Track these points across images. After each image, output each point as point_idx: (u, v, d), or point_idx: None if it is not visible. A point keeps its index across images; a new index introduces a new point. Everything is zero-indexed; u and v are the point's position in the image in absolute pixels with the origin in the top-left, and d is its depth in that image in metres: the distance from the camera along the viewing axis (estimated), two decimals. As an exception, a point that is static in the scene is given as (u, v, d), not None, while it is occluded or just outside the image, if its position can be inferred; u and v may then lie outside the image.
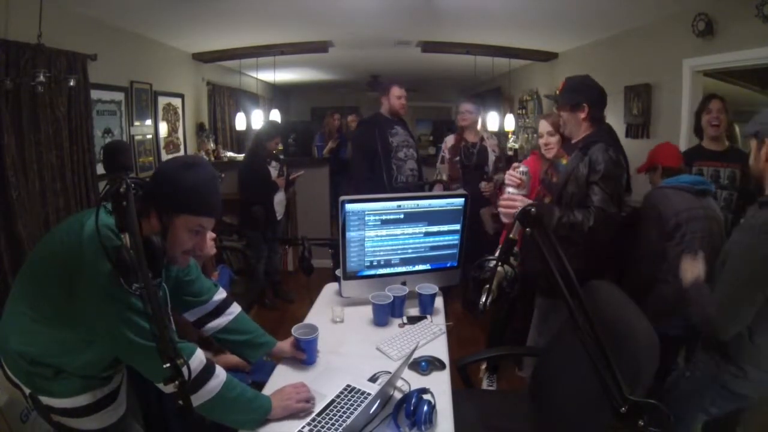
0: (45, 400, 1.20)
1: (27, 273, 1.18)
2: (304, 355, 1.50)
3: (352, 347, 1.62)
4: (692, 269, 1.54)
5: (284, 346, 1.53)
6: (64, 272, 1.05)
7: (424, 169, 3.61)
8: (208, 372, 1.14)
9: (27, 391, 1.20)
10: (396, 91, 3.34)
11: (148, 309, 0.91)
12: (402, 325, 1.78)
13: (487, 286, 1.30)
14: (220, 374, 1.17)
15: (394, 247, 1.94)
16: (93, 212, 0.99)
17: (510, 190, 1.95)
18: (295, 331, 1.51)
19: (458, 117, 3.44)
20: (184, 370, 0.90)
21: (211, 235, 1.47)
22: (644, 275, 2.03)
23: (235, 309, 1.52)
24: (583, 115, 1.95)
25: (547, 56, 4.78)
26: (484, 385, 2.72)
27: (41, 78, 2.34)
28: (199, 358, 1.13)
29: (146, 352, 1.06)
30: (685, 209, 1.98)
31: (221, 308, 1.49)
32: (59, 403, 1.20)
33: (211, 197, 1.18)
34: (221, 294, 1.51)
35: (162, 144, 4.08)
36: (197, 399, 1.10)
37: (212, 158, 4.80)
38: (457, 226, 2.00)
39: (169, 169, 1.16)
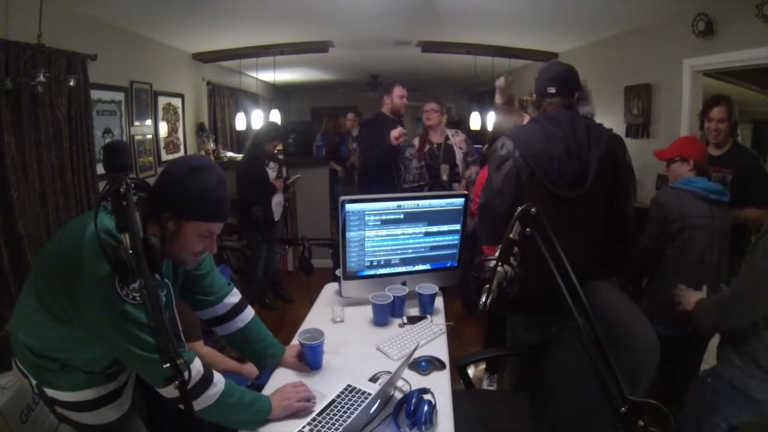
0: (50, 392, 1.22)
1: (37, 269, 1.19)
2: (309, 369, 1.47)
3: (352, 347, 1.62)
4: (694, 297, 1.63)
5: (288, 357, 1.51)
6: (66, 274, 1.06)
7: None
8: (206, 381, 1.14)
9: (34, 382, 1.23)
10: (399, 91, 3.37)
11: (148, 312, 0.90)
12: (402, 325, 1.78)
13: (487, 286, 1.30)
14: (219, 382, 1.17)
15: (394, 247, 1.94)
16: (97, 214, 1.00)
17: None
18: (301, 336, 1.48)
19: (423, 116, 3.37)
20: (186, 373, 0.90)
21: None
22: (639, 271, 2.05)
23: (248, 315, 1.49)
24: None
25: (547, 56, 4.77)
26: (484, 385, 2.72)
27: (41, 78, 2.34)
28: (196, 367, 1.12)
29: (144, 360, 1.07)
30: (694, 215, 1.98)
31: (233, 312, 1.46)
32: (63, 396, 1.21)
33: (220, 203, 1.17)
34: (234, 297, 1.48)
35: (162, 144, 4.09)
36: (196, 405, 1.09)
37: (212, 158, 4.80)
38: (457, 226, 2.00)
39: (177, 173, 1.13)
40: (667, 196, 2.07)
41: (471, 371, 2.72)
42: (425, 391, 1.26)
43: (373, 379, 1.41)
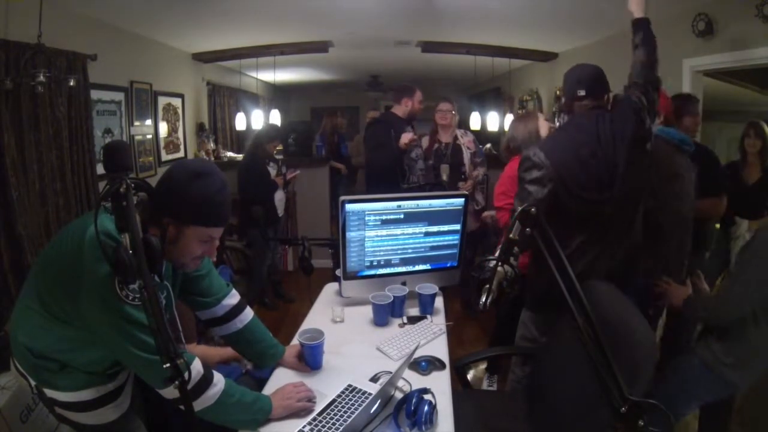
0: (49, 392, 1.21)
1: (37, 270, 1.18)
2: (309, 369, 1.48)
3: (352, 347, 1.62)
4: (681, 293, 1.67)
5: (288, 357, 1.51)
6: (67, 275, 1.07)
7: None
8: (206, 381, 1.14)
9: (33, 382, 1.22)
10: (420, 96, 3.40)
11: (148, 314, 0.90)
12: (402, 325, 1.78)
13: (487, 286, 1.30)
14: (219, 382, 1.17)
15: (394, 247, 1.94)
16: (97, 215, 0.99)
17: None
18: (301, 336, 1.48)
19: (437, 116, 3.37)
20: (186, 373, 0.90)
21: None
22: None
23: (246, 316, 1.49)
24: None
25: (547, 56, 4.78)
26: (484, 385, 2.72)
27: (41, 78, 2.34)
28: (196, 368, 1.13)
29: (144, 361, 1.07)
30: (671, 165, 2.06)
31: (232, 314, 1.46)
32: (63, 396, 1.21)
33: (222, 208, 1.18)
34: (233, 298, 1.48)
35: (162, 144, 4.09)
36: (196, 406, 1.10)
37: (212, 158, 4.80)
38: (457, 226, 2.00)
39: (178, 178, 1.14)
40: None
41: (471, 373, 2.73)
42: (425, 391, 1.26)
43: (374, 379, 1.41)
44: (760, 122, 2.86)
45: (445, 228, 1.98)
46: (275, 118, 5.08)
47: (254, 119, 4.94)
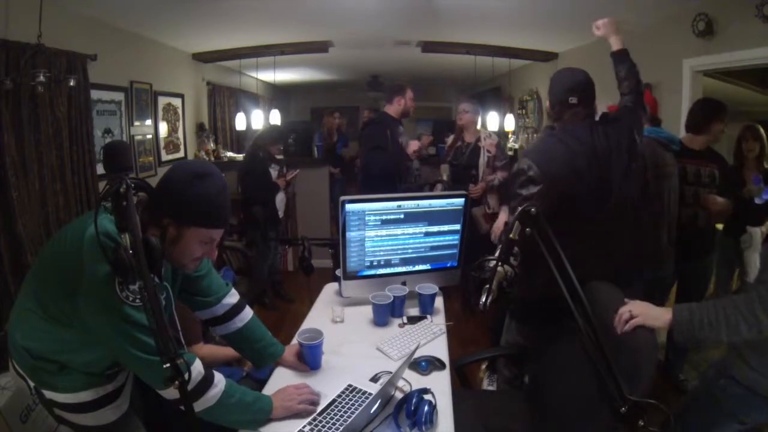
0: (48, 394, 1.21)
1: (35, 271, 1.18)
2: (308, 368, 1.48)
3: (352, 347, 1.62)
4: (661, 312, 1.28)
5: (288, 356, 1.51)
6: (66, 276, 1.06)
7: (423, 169, 3.63)
8: (206, 382, 1.14)
9: (31, 384, 1.22)
10: (411, 93, 3.38)
11: (148, 315, 0.90)
12: (402, 325, 1.78)
13: (487, 286, 1.30)
14: (219, 383, 1.17)
15: (394, 247, 1.94)
16: (97, 216, 0.99)
17: None
18: (300, 336, 1.49)
19: (457, 117, 3.45)
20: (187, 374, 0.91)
21: None
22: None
23: (247, 315, 1.49)
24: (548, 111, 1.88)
25: (547, 56, 4.78)
26: (485, 385, 2.72)
27: (41, 78, 2.35)
28: (197, 369, 1.13)
29: (144, 361, 1.07)
30: (663, 164, 2.15)
31: (232, 313, 1.46)
32: (62, 398, 1.21)
33: (222, 210, 1.18)
34: (232, 297, 1.48)
35: (162, 144, 4.09)
36: (197, 406, 1.10)
37: (212, 158, 4.81)
38: (457, 226, 2.00)
39: (179, 180, 1.14)
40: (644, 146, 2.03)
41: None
42: (425, 391, 1.26)
43: (374, 379, 1.41)
44: (756, 125, 2.78)
45: (445, 228, 1.98)
46: (275, 118, 5.08)
47: (254, 119, 4.94)
